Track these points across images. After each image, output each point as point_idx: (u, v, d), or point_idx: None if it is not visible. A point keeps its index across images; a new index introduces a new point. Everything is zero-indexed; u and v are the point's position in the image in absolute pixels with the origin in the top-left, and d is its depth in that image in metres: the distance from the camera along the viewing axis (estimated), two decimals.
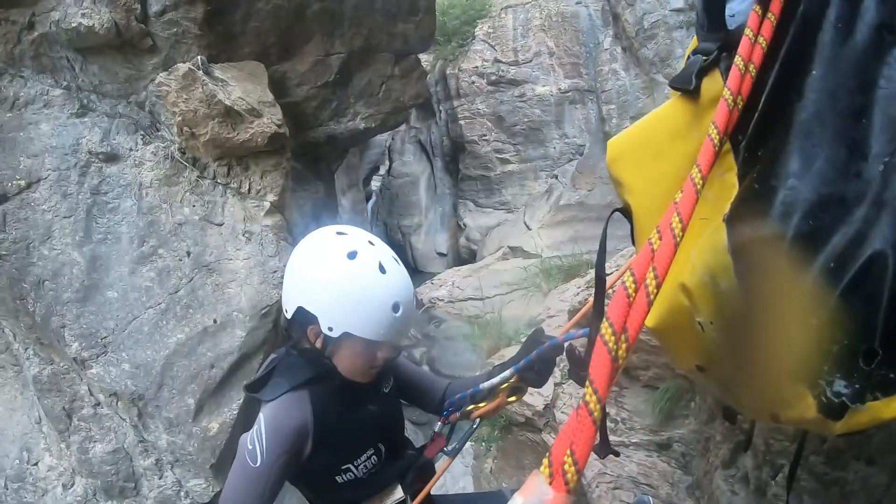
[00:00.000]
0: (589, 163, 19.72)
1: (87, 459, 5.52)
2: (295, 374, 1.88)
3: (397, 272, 1.83)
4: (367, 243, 1.84)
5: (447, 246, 23.88)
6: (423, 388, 2.33)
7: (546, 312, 6.02)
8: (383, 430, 2.08)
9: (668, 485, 3.38)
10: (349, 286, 1.76)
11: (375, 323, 1.77)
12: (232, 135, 5.40)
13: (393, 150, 24.64)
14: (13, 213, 5.17)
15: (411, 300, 1.85)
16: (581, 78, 20.10)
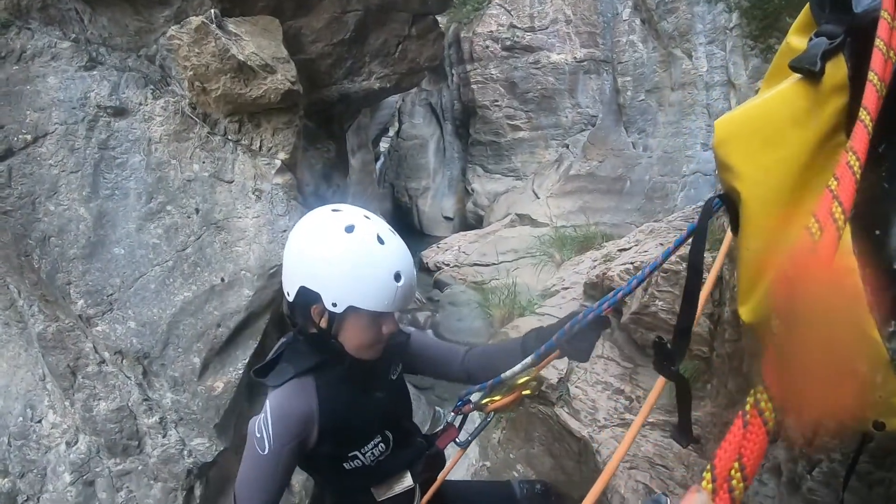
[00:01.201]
0: (601, 134, 19.60)
1: (91, 417, 5.49)
2: (301, 360, 1.91)
3: (396, 243, 1.84)
4: (363, 217, 1.85)
5: (454, 210, 23.92)
6: (442, 358, 2.30)
7: (560, 283, 5.95)
8: (391, 418, 2.10)
9: (683, 467, 3.32)
10: (349, 259, 1.77)
11: (379, 294, 1.78)
12: (244, 91, 5.30)
13: (403, 112, 24.58)
14: (19, 168, 5.06)
15: (412, 270, 1.86)
16: (597, 48, 19.87)
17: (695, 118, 18.10)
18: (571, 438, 4.23)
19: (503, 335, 5.28)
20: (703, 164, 17.80)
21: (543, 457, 4.69)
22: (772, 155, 1.20)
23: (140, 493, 5.62)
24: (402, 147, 24.93)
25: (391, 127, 24.07)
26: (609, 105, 19.76)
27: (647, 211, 17.49)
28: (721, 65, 17.58)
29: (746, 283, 1.22)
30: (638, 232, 5.62)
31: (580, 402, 4.13)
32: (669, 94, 18.42)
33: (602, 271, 4.67)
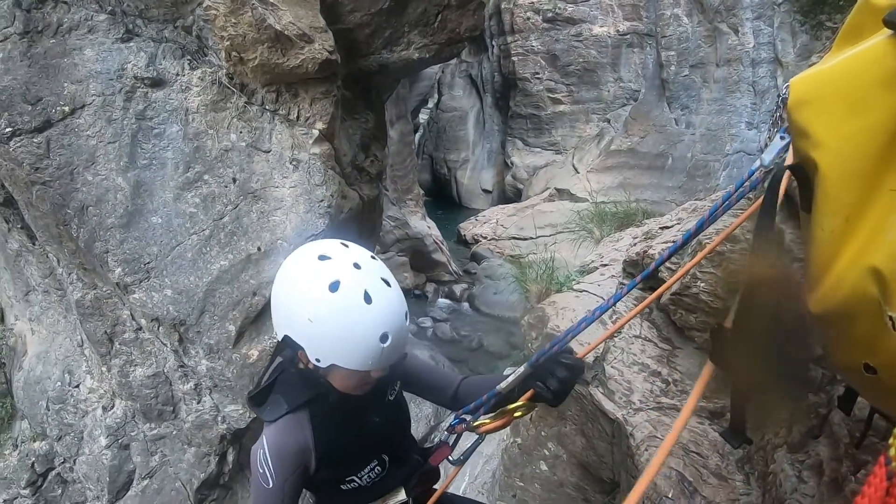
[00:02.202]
0: (643, 109, 19.39)
1: (127, 383, 5.59)
2: (293, 394, 1.90)
3: (384, 298, 1.73)
4: (352, 267, 1.74)
5: (493, 183, 23.94)
6: (434, 386, 2.29)
7: (599, 260, 5.84)
8: (387, 441, 2.10)
9: (717, 455, 3.24)
10: (332, 322, 1.69)
11: (362, 355, 1.71)
12: (281, 60, 5.25)
13: (442, 84, 24.54)
14: (57, 139, 5.08)
15: (401, 324, 1.76)
16: (640, 21, 19.60)
17: (740, 95, 17.83)
18: (605, 419, 4.16)
19: (539, 311, 5.20)
20: (746, 143, 17.53)
21: (575, 436, 4.63)
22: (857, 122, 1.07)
23: (174, 457, 5.74)
24: (442, 119, 24.90)
25: (430, 98, 24.00)
26: (652, 80, 19.52)
27: (688, 189, 17.30)
28: (768, 41, 17.25)
29: (818, 267, 1.11)
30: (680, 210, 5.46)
31: (615, 383, 4.05)
32: (714, 70, 18.15)
33: (643, 249, 4.55)
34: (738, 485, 3.07)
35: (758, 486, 2.96)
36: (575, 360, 1.85)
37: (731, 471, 3.15)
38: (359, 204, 6.52)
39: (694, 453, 3.30)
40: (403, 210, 13.86)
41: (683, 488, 3.16)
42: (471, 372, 9.78)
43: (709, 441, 3.33)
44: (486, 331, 11.90)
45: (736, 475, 3.13)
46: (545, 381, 1.81)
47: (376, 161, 7.22)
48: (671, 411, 3.54)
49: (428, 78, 19.01)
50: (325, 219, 5.52)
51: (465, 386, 2.25)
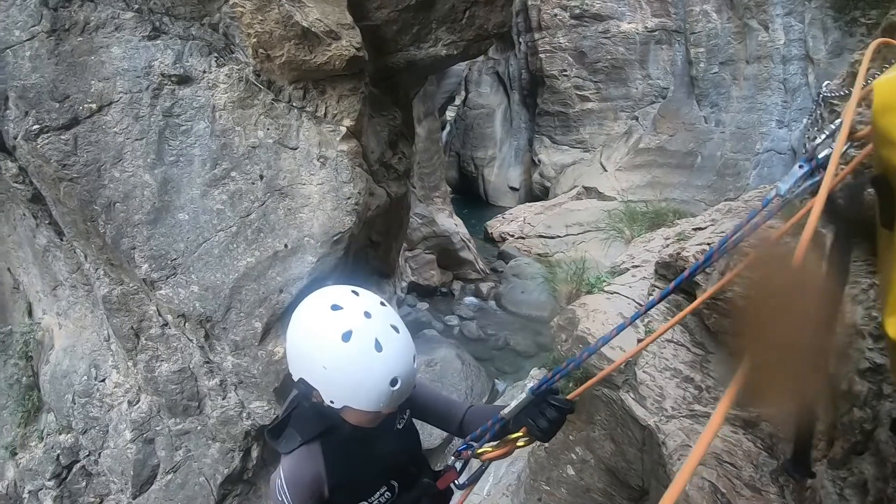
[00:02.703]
0: (672, 106, 19.19)
1: (153, 378, 5.61)
2: (307, 427, 2.00)
3: (395, 345, 1.83)
4: (363, 316, 1.82)
5: (520, 181, 23.85)
6: (441, 415, 2.38)
7: (630, 261, 5.76)
8: (396, 468, 2.18)
9: (751, 466, 3.16)
10: (345, 370, 1.79)
11: (374, 398, 1.81)
12: (309, 57, 5.23)
13: (469, 81, 24.48)
14: (84, 136, 5.10)
15: (409, 368, 1.86)
16: (669, 17, 19.38)
17: (770, 93, 17.57)
18: (636, 426, 4.09)
19: (570, 313, 5.13)
20: (777, 142, 17.29)
21: (604, 441, 4.57)
22: None
23: (198, 452, 5.76)
24: (469, 116, 24.84)
25: (458, 95, 23.95)
26: (681, 77, 19.31)
27: (717, 188, 17.09)
28: (799, 37, 16.99)
29: None
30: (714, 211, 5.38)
31: (647, 389, 3.98)
32: (744, 67, 17.90)
33: (676, 251, 4.46)
34: (773, 497, 2.99)
35: (793, 500, 2.87)
36: (564, 402, 1.97)
37: (765, 483, 3.07)
38: (386, 201, 6.49)
39: (727, 463, 3.21)
40: (431, 207, 13.79)
41: (716, 500, 3.08)
42: (496, 371, 9.76)
43: (743, 451, 3.24)
44: (513, 330, 11.81)
45: (770, 487, 3.04)
46: (535, 420, 1.96)
47: (404, 158, 7.18)
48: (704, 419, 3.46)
49: (455, 75, 18.95)
50: (353, 216, 5.50)
51: (470, 414, 2.33)
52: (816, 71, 16.64)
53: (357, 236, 5.86)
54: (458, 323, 12.19)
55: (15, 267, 6.47)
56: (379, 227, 7.19)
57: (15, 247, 6.31)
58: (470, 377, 8.87)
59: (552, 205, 19.00)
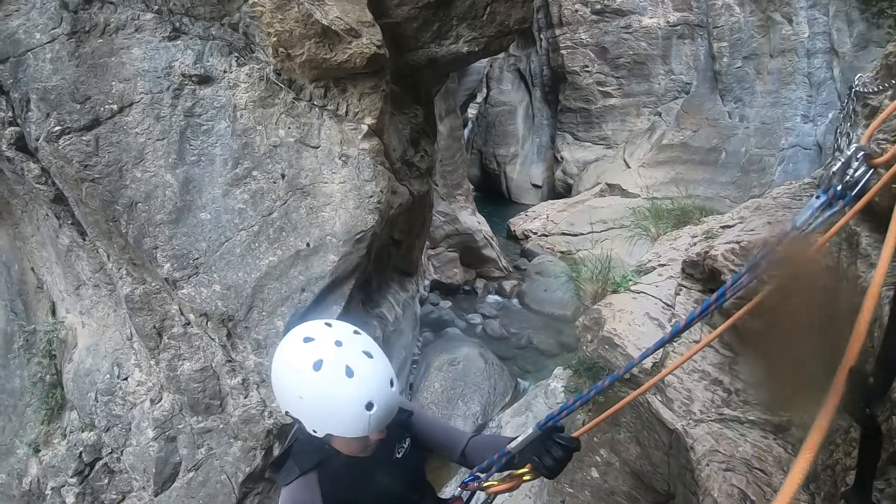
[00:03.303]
0: (695, 102, 19.00)
1: (175, 376, 5.62)
2: (304, 458, 2.06)
3: (367, 370, 1.87)
4: (333, 345, 1.89)
5: (543, 178, 23.75)
6: (442, 444, 2.41)
7: (656, 259, 5.68)
8: (396, 497, 2.21)
9: (782, 473, 3.09)
10: (318, 397, 1.85)
11: (352, 424, 1.86)
12: (329, 56, 5.20)
13: (491, 78, 24.40)
14: (105, 137, 5.13)
15: (385, 391, 1.89)
16: (691, 11, 19.17)
17: (795, 87, 17.34)
18: (662, 429, 4.03)
19: (595, 313, 5.07)
20: (802, 136, 17.07)
21: (629, 444, 4.51)
22: None
23: (220, 450, 5.75)
24: (491, 113, 24.77)
25: (479, 93, 23.83)
26: (704, 72, 19.10)
27: (742, 184, 16.90)
28: (823, 30, 16.75)
29: None
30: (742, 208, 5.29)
31: (675, 391, 3.91)
32: (768, 61, 17.67)
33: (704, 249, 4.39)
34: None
35: None
36: (569, 440, 1.98)
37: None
38: (409, 199, 6.47)
39: (757, 469, 3.15)
40: (453, 205, 13.73)
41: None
42: (518, 370, 9.70)
43: (773, 457, 3.18)
44: (536, 328, 11.72)
45: (801, 495, 2.97)
46: (541, 458, 1.96)
47: (426, 156, 7.15)
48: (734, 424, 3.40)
49: (476, 72, 18.87)
50: (375, 214, 5.49)
51: (473, 444, 2.36)
52: (842, 64, 16.41)
53: (379, 235, 5.85)
54: (480, 321, 12.13)
55: (38, 267, 6.50)
56: (401, 225, 7.17)
57: (38, 247, 6.34)
58: (493, 376, 8.82)
59: (575, 202, 18.89)
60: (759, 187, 15.64)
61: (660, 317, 4.78)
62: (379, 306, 7.11)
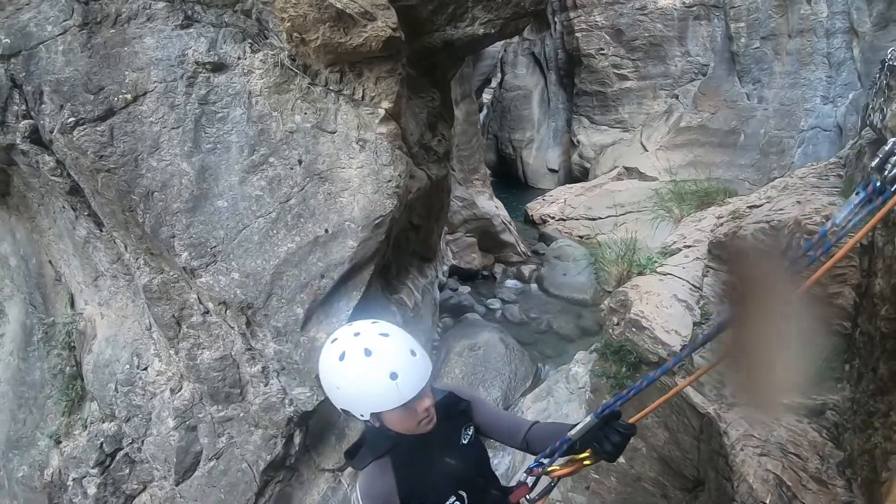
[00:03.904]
0: (712, 84, 18.85)
1: (194, 365, 5.61)
2: (376, 445, 2.29)
3: (384, 347, 2.10)
4: (353, 337, 2.14)
5: (559, 162, 23.69)
6: (505, 431, 2.59)
7: (682, 241, 5.60)
8: (463, 480, 2.37)
9: (818, 458, 3.02)
10: (346, 382, 2.12)
11: (384, 397, 2.08)
12: (344, 39, 5.14)
13: (505, 63, 24.34)
14: (120, 127, 5.10)
15: (407, 360, 2.10)
16: None
17: (814, 68, 17.13)
18: (693, 413, 3.96)
19: (622, 295, 5.00)
20: (822, 118, 16.87)
21: (657, 429, 4.44)
22: None
23: (241, 439, 5.75)
24: (506, 98, 24.71)
25: (493, 78, 23.74)
26: (721, 53, 18.91)
27: (761, 167, 16.75)
28: (843, 10, 16.53)
29: None
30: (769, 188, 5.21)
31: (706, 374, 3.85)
32: (786, 41, 17.44)
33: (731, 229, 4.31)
34: (840, 492, 2.86)
35: (862, 495, 2.74)
36: (627, 427, 2.13)
37: (831, 475, 2.93)
38: (427, 184, 6.42)
39: (792, 454, 3.07)
40: (470, 190, 13.66)
41: (781, 493, 2.95)
42: (539, 355, 9.65)
43: (808, 441, 3.10)
44: (555, 313, 11.66)
45: (837, 480, 2.91)
46: (601, 444, 2.12)
47: (444, 140, 7.09)
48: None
49: (490, 57, 18.76)
50: (394, 199, 5.45)
51: (534, 431, 2.50)
52: (861, 44, 16.19)
53: (398, 220, 5.82)
54: (500, 306, 12.10)
55: (56, 259, 6.50)
56: (420, 210, 7.12)
57: (55, 239, 6.33)
58: (513, 361, 8.76)
59: (593, 186, 18.80)
60: (779, 169, 15.49)
61: (688, 299, 4.71)
62: (398, 292, 7.08)
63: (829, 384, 3.26)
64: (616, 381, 5.06)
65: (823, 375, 3.27)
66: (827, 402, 3.21)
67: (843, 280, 3.27)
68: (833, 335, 3.26)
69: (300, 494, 6.05)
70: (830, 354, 3.24)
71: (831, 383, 3.25)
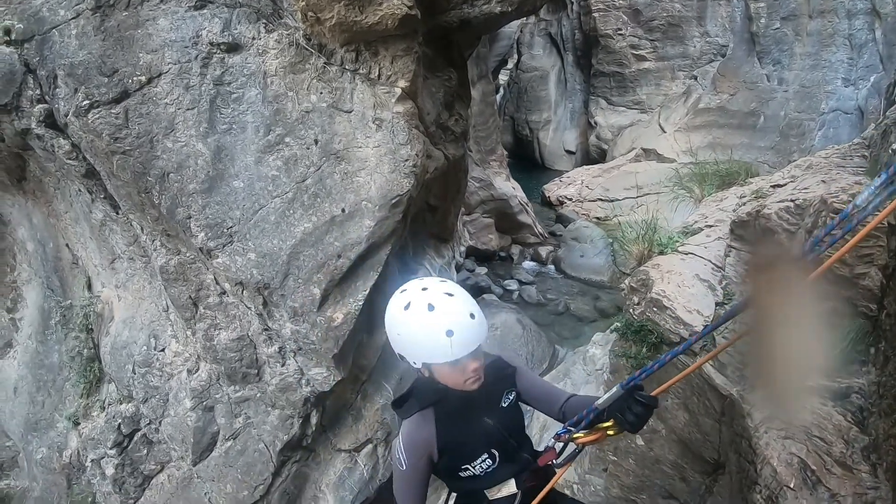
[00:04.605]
0: (732, 65, 18.63)
1: (211, 346, 5.61)
2: (423, 396, 2.43)
3: (445, 304, 2.21)
4: (420, 290, 2.27)
5: (576, 144, 23.60)
6: (544, 400, 2.66)
7: (703, 220, 5.53)
8: (498, 439, 2.51)
9: (842, 442, 2.96)
10: (407, 330, 2.25)
11: (437, 350, 2.19)
12: (359, 18, 5.09)
13: (522, 43, 24.21)
14: (135, 109, 5.10)
15: (464, 321, 2.20)
16: None
17: (835, 50, 16.90)
18: (714, 395, 3.90)
19: (643, 274, 4.95)
20: (843, 100, 16.66)
21: (677, 411, 4.39)
22: None
23: (257, 419, 5.77)
24: (522, 79, 24.59)
25: (510, 59, 23.62)
26: (740, 34, 18.66)
27: (781, 149, 16.58)
28: None
29: None
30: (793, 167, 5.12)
31: (728, 355, 3.79)
32: (807, 22, 17.20)
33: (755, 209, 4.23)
34: (865, 477, 2.80)
35: (887, 480, 2.68)
36: (649, 398, 2.13)
37: (856, 460, 2.88)
38: (444, 163, 6.38)
39: (817, 438, 3.01)
40: (488, 171, 13.64)
41: (806, 477, 2.89)
42: (556, 336, 9.64)
43: (833, 425, 3.04)
44: (572, 294, 11.73)
45: (861, 465, 2.85)
46: (624, 414, 2.13)
47: (461, 120, 7.03)
48: None
49: (507, 37, 18.65)
50: (411, 178, 5.42)
51: (570, 402, 2.57)
52: (884, 26, 15.99)
53: (415, 199, 5.78)
54: (517, 288, 12.14)
55: (73, 242, 6.51)
56: (437, 190, 7.08)
57: (72, 223, 6.34)
58: (531, 342, 8.77)
59: (610, 167, 18.72)
60: (799, 152, 15.30)
61: (710, 278, 4.65)
62: (415, 273, 7.04)
63: (854, 367, 3.20)
64: (636, 362, 5.00)
65: (849, 358, 3.21)
66: (852, 385, 3.15)
67: (869, 261, 3.20)
68: (858, 317, 3.19)
69: (316, 474, 6.08)
70: (856, 337, 3.18)
71: (856, 366, 3.19)
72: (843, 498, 2.78)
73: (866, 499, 2.71)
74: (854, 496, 2.75)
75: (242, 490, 5.77)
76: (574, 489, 5.45)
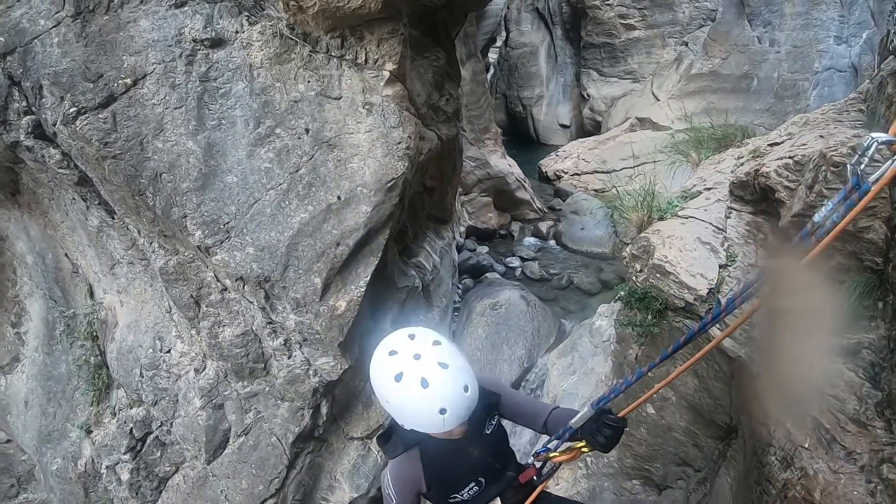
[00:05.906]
0: (722, 28, 18.57)
1: (217, 343, 5.61)
2: (407, 438, 2.52)
3: (440, 381, 2.22)
4: (412, 359, 2.24)
5: (570, 117, 23.59)
6: (528, 419, 2.82)
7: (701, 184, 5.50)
8: (484, 467, 2.69)
9: (855, 399, 2.94)
10: (399, 402, 2.28)
11: (429, 424, 2.28)
12: (342, 3, 5.03)
13: (509, 20, 24.16)
14: (122, 112, 5.05)
15: (458, 397, 2.23)
16: None
17: (826, 8, 16.81)
18: (723, 358, 3.88)
19: (644, 241, 4.92)
20: (836, 59, 16.59)
21: (686, 376, 4.38)
22: None
23: (268, 413, 5.79)
24: (512, 56, 24.53)
25: (498, 36, 23.52)
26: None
27: (776, 111, 16.52)
28: None
29: None
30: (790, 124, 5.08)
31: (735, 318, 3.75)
32: None
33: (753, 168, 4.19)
34: (880, 433, 2.78)
35: None
36: (616, 420, 2.33)
37: (870, 416, 2.86)
38: (438, 144, 6.35)
39: (830, 396, 2.99)
40: (483, 150, 13.60)
41: (820, 436, 2.87)
42: (561, 310, 9.63)
43: (844, 382, 3.02)
44: (575, 267, 11.72)
45: (876, 421, 2.83)
46: (594, 436, 2.34)
47: (452, 99, 6.99)
48: None
49: (494, 15, 18.52)
50: (405, 161, 5.39)
51: (553, 416, 2.74)
52: None
53: (411, 182, 5.77)
54: (519, 264, 12.11)
55: (72, 251, 6.49)
56: (432, 171, 7.06)
57: (69, 232, 6.32)
58: (536, 318, 8.76)
59: (606, 139, 18.68)
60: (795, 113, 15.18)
61: (711, 241, 4.62)
62: (416, 256, 7.09)
63: (863, 323, 3.17)
64: (642, 329, 5.00)
65: (857, 314, 3.18)
66: (862, 341, 3.12)
67: (873, 214, 3.16)
68: (864, 271, 3.16)
69: (331, 464, 6.11)
70: (863, 292, 3.15)
71: (865, 322, 3.16)
72: (859, 455, 2.76)
73: (883, 455, 2.69)
74: (870, 453, 2.73)
75: (258, 485, 5.80)
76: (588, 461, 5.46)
